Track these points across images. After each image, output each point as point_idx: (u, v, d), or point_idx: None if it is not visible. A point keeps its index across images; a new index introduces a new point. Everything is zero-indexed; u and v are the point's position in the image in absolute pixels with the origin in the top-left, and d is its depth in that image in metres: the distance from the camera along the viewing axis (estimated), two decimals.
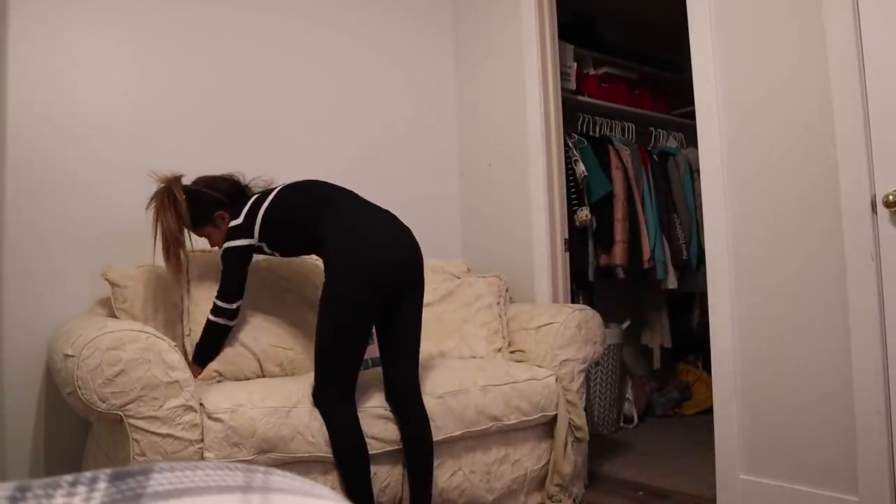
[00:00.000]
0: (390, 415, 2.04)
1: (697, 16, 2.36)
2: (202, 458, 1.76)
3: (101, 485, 0.40)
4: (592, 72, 3.81)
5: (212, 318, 2.13)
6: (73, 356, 1.65)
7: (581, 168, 3.38)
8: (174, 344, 1.81)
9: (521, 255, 3.05)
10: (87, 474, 0.41)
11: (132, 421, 1.68)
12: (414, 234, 2.08)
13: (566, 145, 3.35)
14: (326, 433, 1.90)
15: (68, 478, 0.41)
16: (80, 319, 2.07)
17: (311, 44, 3.03)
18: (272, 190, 2.18)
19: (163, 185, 2.14)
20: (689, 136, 4.06)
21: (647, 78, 4.17)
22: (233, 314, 2.14)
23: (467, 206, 3.38)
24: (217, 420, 1.78)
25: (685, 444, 3.22)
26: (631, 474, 2.81)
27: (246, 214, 2.13)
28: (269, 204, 2.12)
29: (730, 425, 2.28)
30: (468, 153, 3.40)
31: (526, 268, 3.02)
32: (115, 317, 2.16)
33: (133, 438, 1.67)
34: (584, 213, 3.34)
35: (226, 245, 2.13)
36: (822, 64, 2.04)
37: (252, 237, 2.12)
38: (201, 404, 1.79)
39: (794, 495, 2.11)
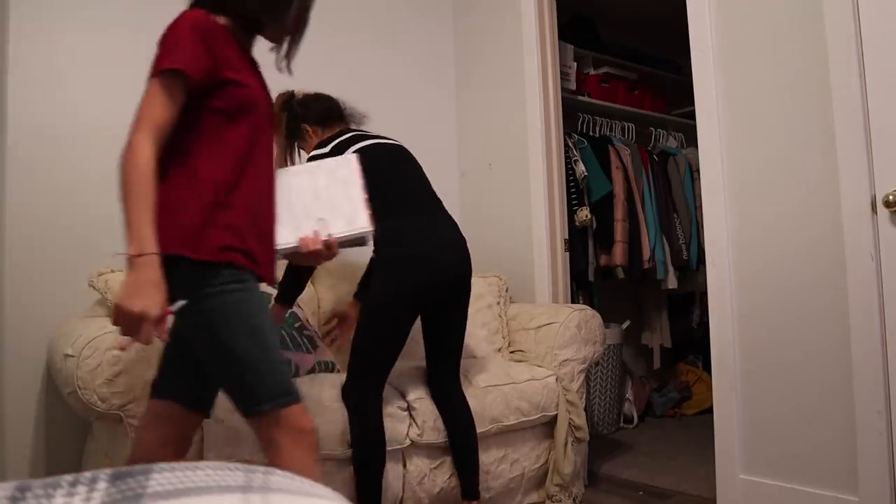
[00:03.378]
0: (398, 412, 2.07)
1: (697, 15, 2.36)
2: (202, 458, 1.76)
3: (101, 485, 0.40)
4: (592, 72, 3.81)
5: None
6: (73, 356, 1.66)
7: (581, 168, 3.38)
8: None
9: (521, 255, 3.05)
10: (87, 474, 0.41)
11: (132, 421, 1.68)
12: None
13: (566, 145, 3.35)
14: (325, 431, 1.91)
15: (68, 478, 0.41)
16: (81, 319, 2.07)
17: (311, 44, 3.02)
18: (363, 137, 2.11)
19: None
20: (689, 136, 4.06)
21: (648, 78, 4.16)
22: None
23: (467, 206, 3.38)
24: (217, 420, 1.78)
25: (685, 444, 3.22)
26: (631, 474, 2.81)
27: (333, 149, 2.05)
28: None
29: (730, 425, 2.28)
30: (468, 153, 3.40)
31: (526, 268, 3.02)
32: None
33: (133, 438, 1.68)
34: (584, 213, 3.34)
35: None
36: (822, 63, 2.04)
37: None
38: None
39: (794, 495, 2.11)
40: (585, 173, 3.38)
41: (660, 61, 4.23)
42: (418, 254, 1.96)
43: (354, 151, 2.01)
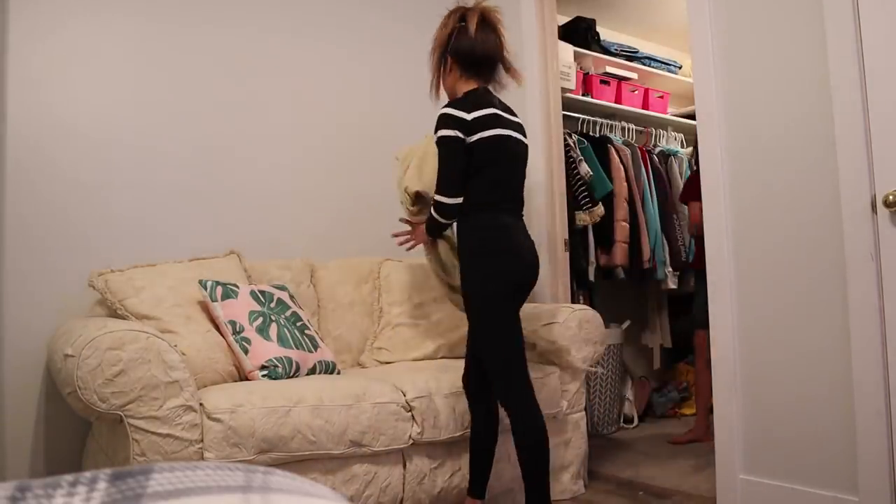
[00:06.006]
0: (401, 412, 2.07)
1: (697, 15, 2.36)
2: (202, 458, 1.76)
3: (101, 485, 0.40)
4: (592, 72, 3.81)
5: (433, 213, 2.03)
6: (73, 356, 1.65)
7: (585, 168, 3.38)
8: (174, 344, 1.81)
9: None
10: (87, 474, 0.41)
11: (132, 421, 1.68)
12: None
13: (568, 145, 3.35)
14: (326, 431, 1.93)
15: (68, 478, 0.41)
16: (81, 319, 2.07)
17: (310, 44, 3.02)
18: (500, 121, 1.99)
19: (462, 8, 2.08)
20: (690, 136, 4.06)
21: (648, 78, 4.16)
22: (451, 212, 1.99)
23: None
24: (217, 420, 1.78)
25: (685, 445, 3.22)
26: (631, 474, 2.81)
27: (474, 121, 1.93)
28: (479, 140, 1.94)
29: (730, 425, 2.28)
30: None
31: None
32: (116, 316, 2.16)
33: (133, 438, 1.68)
34: (598, 211, 3.35)
35: (439, 133, 1.97)
36: (822, 63, 2.04)
37: (461, 133, 1.93)
38: (201, 404, 1.79)
39: (794, 495, 2.11)
40: (591, 172, 3.38)
41: (660, 61, 4.23)
42: (515, 251, 2.00)
43: (487, 138, 1.94)
